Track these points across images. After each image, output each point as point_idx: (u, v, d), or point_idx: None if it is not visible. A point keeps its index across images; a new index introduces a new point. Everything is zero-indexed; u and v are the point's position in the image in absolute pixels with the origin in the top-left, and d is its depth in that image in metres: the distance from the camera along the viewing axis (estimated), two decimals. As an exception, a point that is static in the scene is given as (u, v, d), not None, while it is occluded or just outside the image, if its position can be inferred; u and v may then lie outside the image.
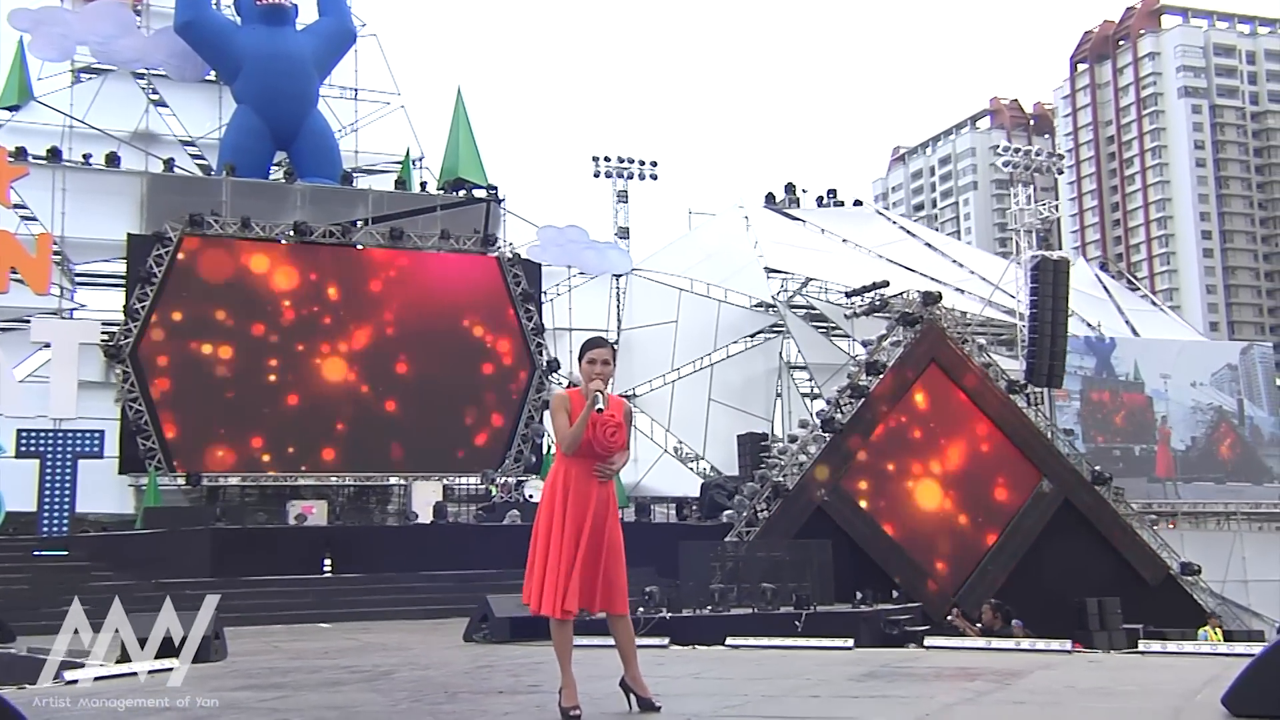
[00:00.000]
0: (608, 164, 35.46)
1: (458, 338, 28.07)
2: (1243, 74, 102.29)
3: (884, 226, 35.03)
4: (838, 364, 29.13)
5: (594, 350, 5.67)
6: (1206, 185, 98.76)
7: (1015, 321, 29.51)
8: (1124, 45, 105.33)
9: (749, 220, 33.23)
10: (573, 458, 5.56)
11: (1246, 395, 35.94)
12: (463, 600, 18.95)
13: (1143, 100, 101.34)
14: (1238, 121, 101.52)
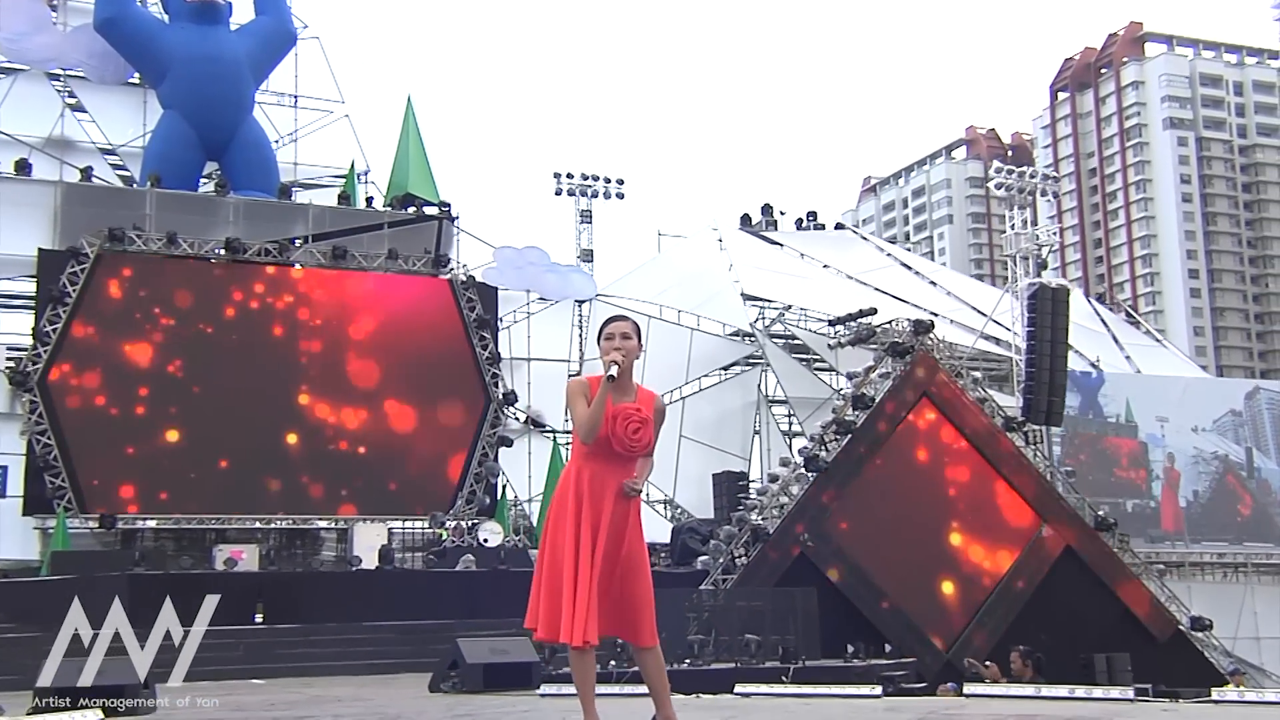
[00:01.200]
0: (570, 181, 35.25)
1: (405, 367, 27.51)
2: (1230, 105, 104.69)
3: (868, 251, 35.05)
4: (821, 398, 28.94)
5: (612, 324, 5.30)
6: (1193, 221, 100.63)
7: (1010, 355, 29.44)
8: (1106, 74, 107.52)
9: (723, 243, 33.13)
10: (587, 457, 5.16)
11: (1253, 443, 34.70)
12: (412, 654, 18.24)
13: (1126, 131, 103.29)
14: (1225, 155, 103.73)
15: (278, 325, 26.87)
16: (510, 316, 31.51)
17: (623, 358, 5.18)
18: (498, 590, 21.71)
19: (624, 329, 5.31)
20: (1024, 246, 29.28)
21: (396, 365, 27.41)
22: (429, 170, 30.43)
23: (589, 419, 5.08)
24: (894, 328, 26.10)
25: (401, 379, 27.44)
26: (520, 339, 31.44)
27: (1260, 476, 34.83)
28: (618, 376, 5.11)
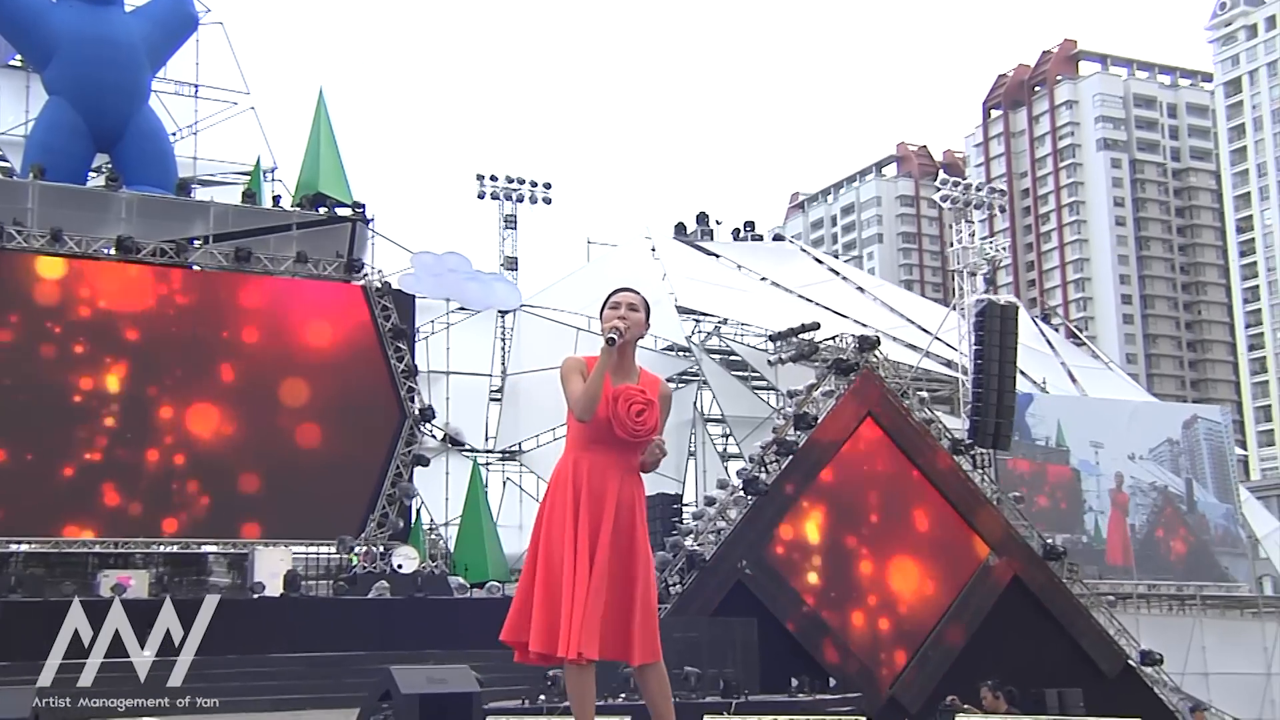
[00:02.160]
0: (494, 184, 34.88)
1: (313, 378, 26.77)
2: (1164, 128, 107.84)
3: (807, 264, 35.18)
4: (760, 417, 28.92)
5: (619, 294, 4.99)
6: (1127, 245, 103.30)
7: (956, 375, 29.65)
8: (1040, 92, 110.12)
9: (657, 253, 33.01)
10: (585, 446, 4.82)
11: (1191, 474, 34.05)
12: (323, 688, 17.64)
13: (1060, 151, 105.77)
14: (1159, 178, 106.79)
15: (173, 330, 25.95)
16: (428, 327, 30.96)
17: (626, 328, 4.87)
18: (416, 619, 21.21)
19: (631, 300, 5.00)
20: (971, 261, 29.54)
21: (303, 377, 26.65)
22: (341, 168, 29.82)
23: (586, 392, 4.74)
24: (838, 344, 26.12)
25: (308, 392, 26.67)
26: (439, 351, 30.93)
27: (1198, 511, 34.26)
28: (618, 344, 4.82)
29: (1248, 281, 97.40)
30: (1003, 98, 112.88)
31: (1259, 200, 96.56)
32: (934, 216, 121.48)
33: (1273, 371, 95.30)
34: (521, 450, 32.27)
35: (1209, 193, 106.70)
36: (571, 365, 4.89)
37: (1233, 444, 33.91)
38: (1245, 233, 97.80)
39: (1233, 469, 34.18)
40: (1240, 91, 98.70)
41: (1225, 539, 34.42)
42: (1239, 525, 34.34)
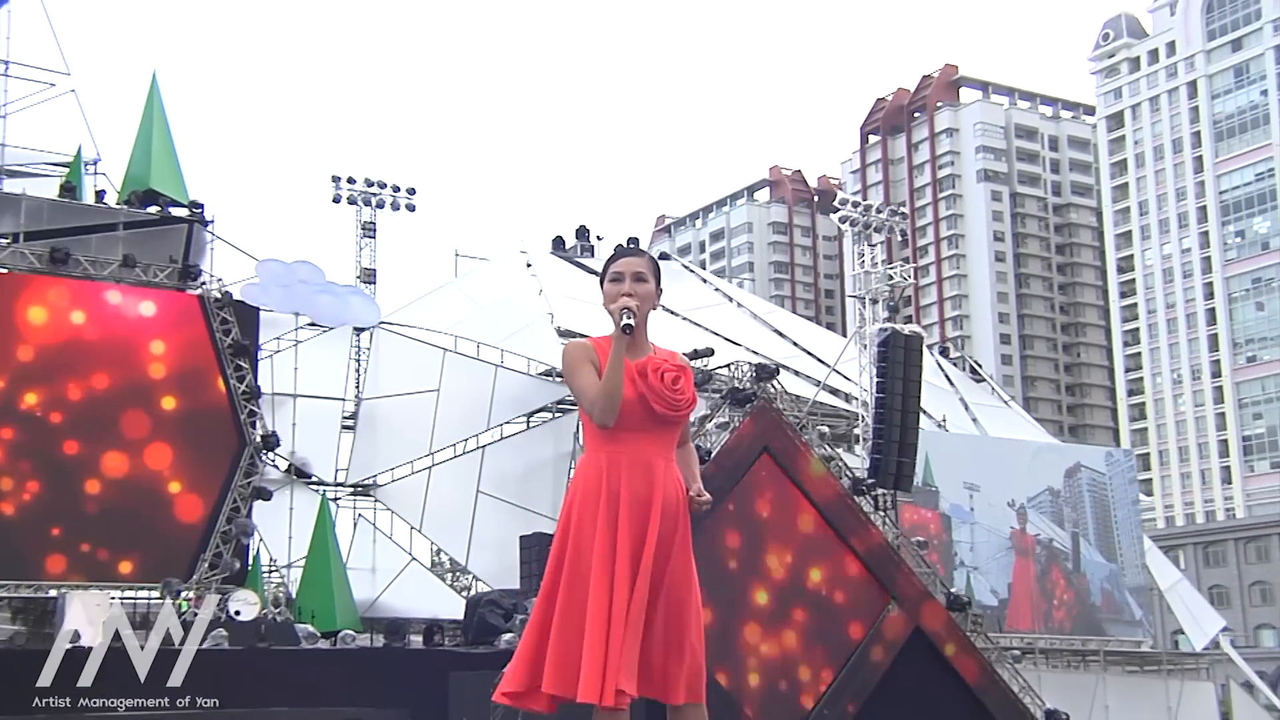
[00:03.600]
0: (351, 187, 34.11)
1: (139, 399, 25.59)
2: (1045, 161, 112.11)
3: (695, 286, 35.15)
4: None
5: (621, 261, 4.60)
6: (1006, 282, 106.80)
7: (854, 409, 29.81)
8: (920, 118, 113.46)
9: (533, 268, 32.60)
10: (615, 438, 4.36)
11: (1073, 526, 33.27)
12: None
13: (939, 181, 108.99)
14: (1040, 213, 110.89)
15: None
16: (274, 344, 30.06)
17: (637, 305, 4.49)
18: (258, 672, 20.39)
19: (636, 267, 4.60)
20: (873, 287, 29.77)
21: (126, 396, 25.43)
22: (176, 163, 28.88)
23: (606, 391, 4.29)
24: (733, 373, 25.92)
25: (132, 413, 25.46)
26: (285, 371, 29.99)
27: (1082, 571, 33.45)
28: (634, 329, 4.44)
29: (1128, 324, 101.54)
30: (881, 122, 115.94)
31: (1140, 239, 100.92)
32: (808, 245, 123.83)
33: (1151, 418, 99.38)
34: (376, 484, 31.45)
35: (1090, 230, 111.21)
36: (578, 354, 4.48)
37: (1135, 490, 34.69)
38: (1126, 273, 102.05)
39: (1121, 521, 34.45)
40: (1123, 126, 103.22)
41: (1110, 604, 33.53)
42: (1124, 588, 33.86)
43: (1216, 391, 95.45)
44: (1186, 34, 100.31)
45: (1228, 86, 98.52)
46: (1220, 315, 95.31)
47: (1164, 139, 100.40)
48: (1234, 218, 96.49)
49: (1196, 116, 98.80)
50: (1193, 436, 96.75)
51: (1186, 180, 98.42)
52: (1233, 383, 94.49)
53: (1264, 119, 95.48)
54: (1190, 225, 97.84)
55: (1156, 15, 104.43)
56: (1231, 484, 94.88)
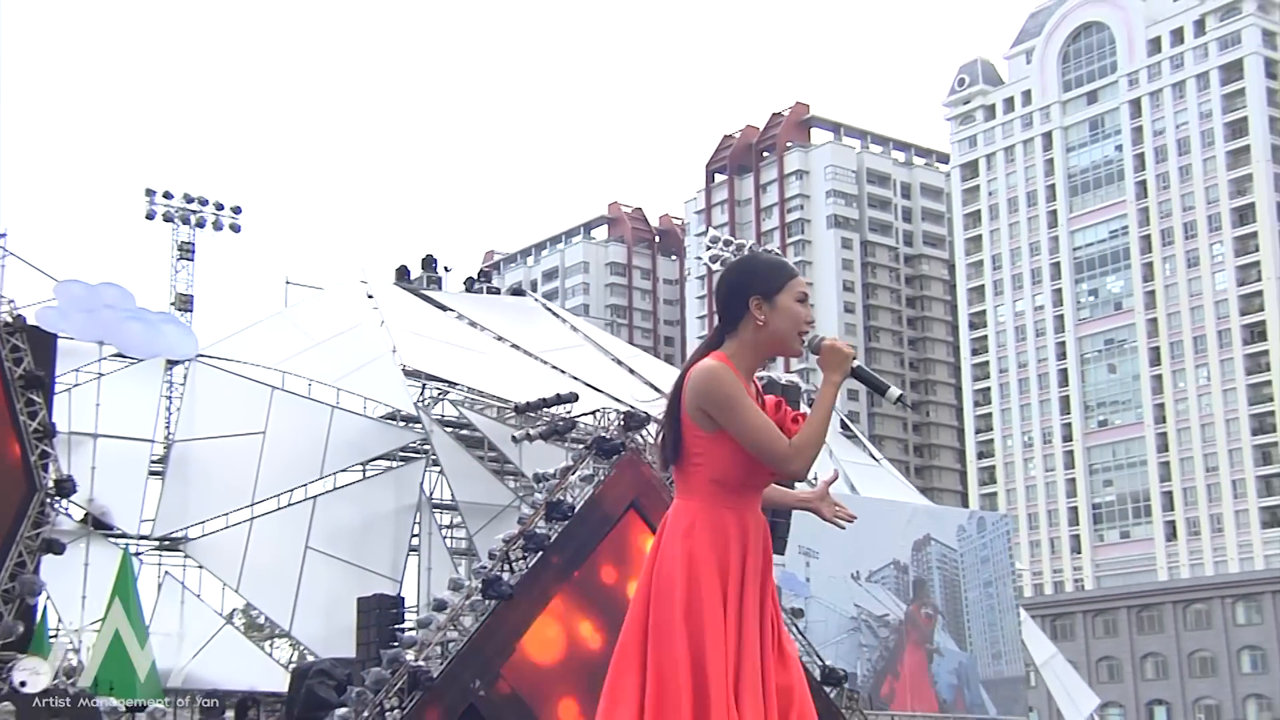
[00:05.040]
0: (167, 203, 33.19)
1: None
2: (897, 208, 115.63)
3: (553, 326, 34.90)
4: (499, 504, 28.22)
5: (800, 279, 4.42)
6: (855, 335, 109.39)
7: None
8: (769, 158, 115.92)
9: (375, 299, 31.93)
10: (743, 499, 4.25)
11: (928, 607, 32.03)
12: None
13: (788, 225, 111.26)
14: (890, 263, 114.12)
15: None
16: (73, 376, 28.82)
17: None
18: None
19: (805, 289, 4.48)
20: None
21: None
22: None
23: (819, 438, 4.12)
24: (600, 420, 25.77)
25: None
26: (85, 407, 28.75)
27: (938, 655, 32.13)
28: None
29: (979, 383, 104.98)
30: (728, 161, 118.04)
31: (993, 295, 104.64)
32: (648, 289, 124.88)
33: (1001, 482, 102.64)
34: (187, 538, 30.27)
35: (942, 283, 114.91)
36: (734, 381, 4.20)
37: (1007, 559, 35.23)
38: (978, 329, 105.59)
39: (999, 594, 34.39)
40: (977, 176, 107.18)
41: (960, 702, 32.17)
42: (977, 682, 32.64)
43: (1067, 456, 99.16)
44: (1043, 83, 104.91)
45: (1083, 140, 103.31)
46: (1072, 376, 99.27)
47: (1018, 191, 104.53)
48: (1087, 276, 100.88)
49: (1051, 169, 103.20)
50: (1043, 503, 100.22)
51: (1040, 235, 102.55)
52: (1084, 447, 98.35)
53: (1118, 175, 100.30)
54: (1044, 282, 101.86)
55: (1013, 63, 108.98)
56: (1081, 553, 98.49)
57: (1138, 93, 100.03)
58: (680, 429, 4.23)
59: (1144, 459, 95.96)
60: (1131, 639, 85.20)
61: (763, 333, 4.28)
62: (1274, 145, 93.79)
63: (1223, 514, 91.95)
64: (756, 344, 4.30)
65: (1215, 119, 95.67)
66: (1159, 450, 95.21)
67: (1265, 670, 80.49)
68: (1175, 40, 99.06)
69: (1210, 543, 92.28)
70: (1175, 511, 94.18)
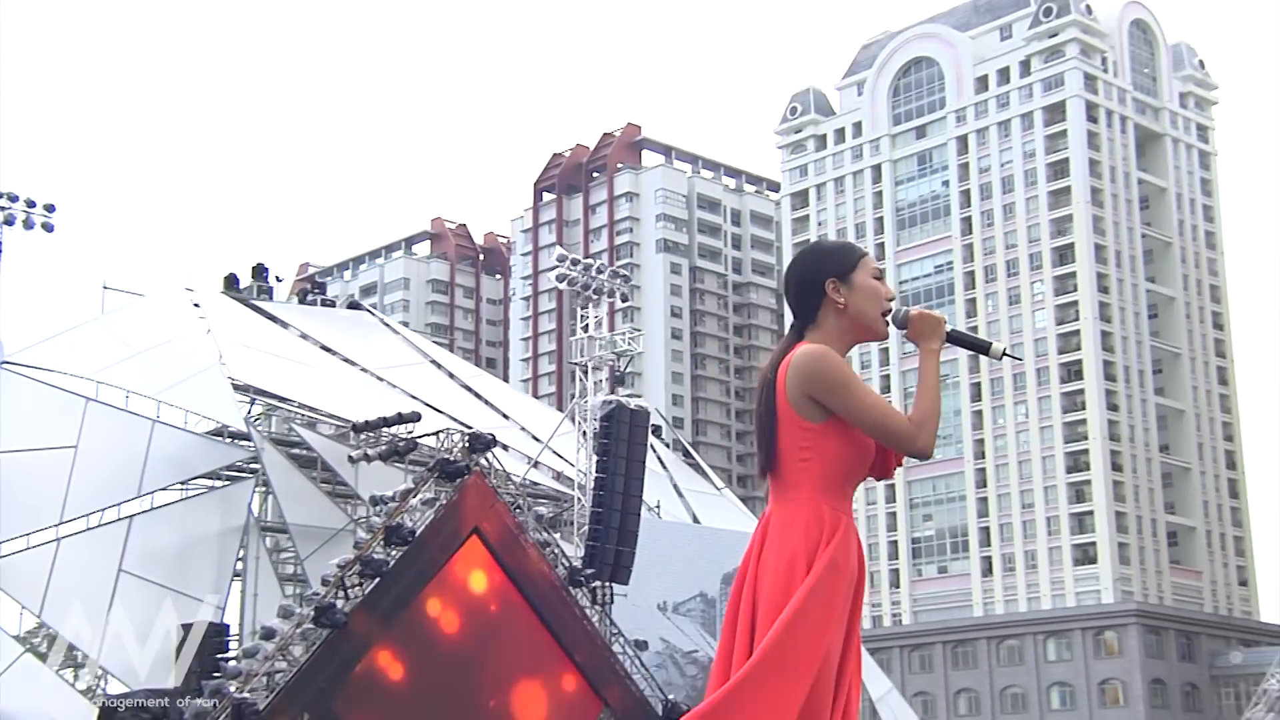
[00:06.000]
0: (-31, 194, 31.14)
1: None
2: (727, 235, 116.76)
3: (391, 342, 34.12)
4: (333, 528, 27.40)
5: (868, 256, 4.34)
6: (682, 361, 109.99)
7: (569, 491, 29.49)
8: (599, 178, 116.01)
9: (202, 308, 30.69)
10: (844, 498, 4.17)
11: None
12: None
13: (617, 249, 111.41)
14: (719, 290, 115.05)
15: None
16: None
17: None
18: None
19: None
20: (597, 355, 29.65)
21: None
22: None
23: (937, 410, 4.00)
24: (443, 442, 25.32)
25: None
26: None
27: None
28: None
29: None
30: (557, 180, 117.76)
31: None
32: (470, 308, 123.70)
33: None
34: (-12, 559, 28.50)
35: (770, 311, 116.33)
36: (837, 359, 4.07)
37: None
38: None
39: None
40: (807, 205, 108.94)
41: None
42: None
43: (889, 490, 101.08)
44: (873, 116, 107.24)
45: (911, 174, 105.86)
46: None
47: (847, 222, 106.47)
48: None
49: (880, 202, 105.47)
50: (864, 535, 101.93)
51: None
52: (905, 482, 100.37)
53: (945, 210, 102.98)
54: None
55: (844, 94, 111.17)
56: (900, 588, 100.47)
57: (965, 129, 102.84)
58: (777, 427, 4.06)
59: (963, 494, 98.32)
60: (946, 674, 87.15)
61: (845, 316, 4.13)
62: (1093, 187, 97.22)
63: (1037, 550, 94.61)
64: (841, 330, 4.13)
65: (1038, 159, 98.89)
66: (978, 486, 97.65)
67: (1073, 707, 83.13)
68: (1002, 80, 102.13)
69: (1024, 579, 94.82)
70: (992, 547, 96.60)
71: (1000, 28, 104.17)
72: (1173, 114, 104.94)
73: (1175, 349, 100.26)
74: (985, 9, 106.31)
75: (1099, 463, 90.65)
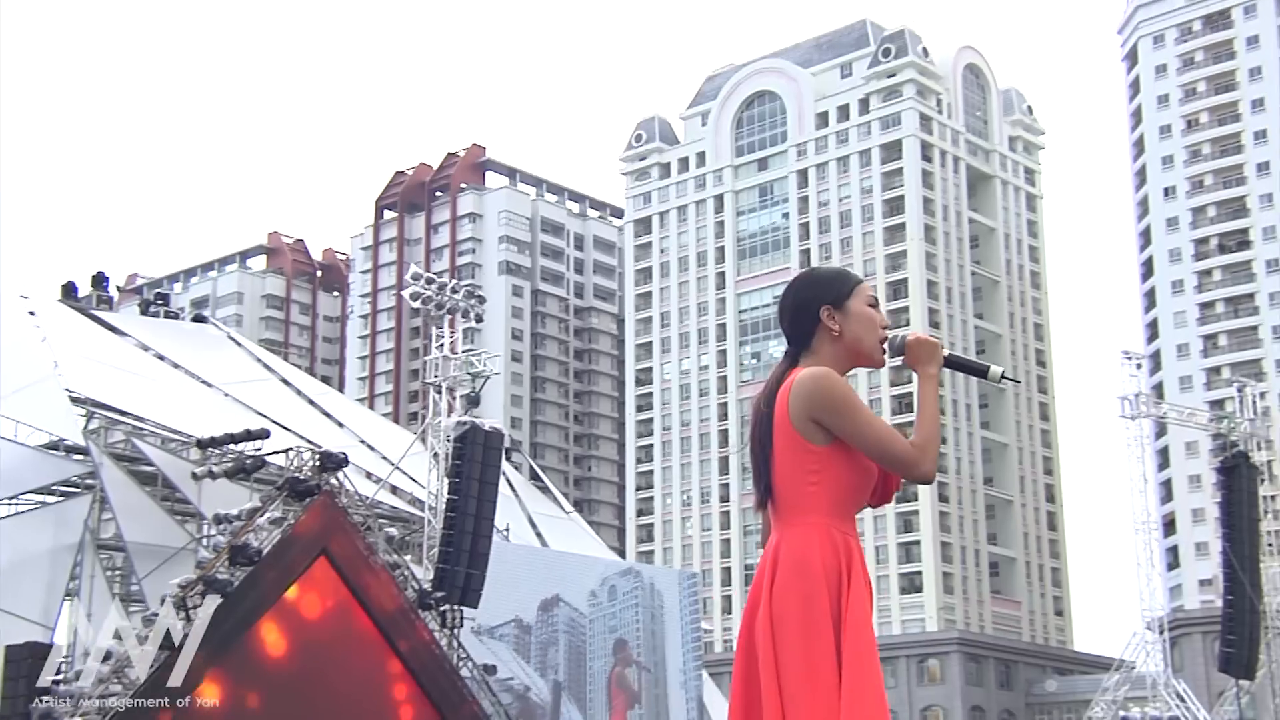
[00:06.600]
0: None
1: None
2: (570, 259, 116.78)
3: (237, 357, 33.14)
4: (173, 546, 26.47)
5: (864, 283, 4.35)
6: (521, 385, 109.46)
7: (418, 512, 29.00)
8: (442, 198, 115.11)
9: (37, 318, 29.43)
10: (850, 522, 4.07)
11: (540, 671, 30.22)
12: None
13: (458, 269, 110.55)
14: (561, 314, 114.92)
15: None
16: None
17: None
18: None
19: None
20: (453, 375, 29.23)
21: None
22: None
23: (937, 435, 3.97)
24: (293, 460, 24.67)
25: None
26: None
27: None
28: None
29: (642, 439, 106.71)
30: (400, 198, 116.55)
31: (660, 352, 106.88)
32: (306, 324, 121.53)
33: (659, 541, 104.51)
34: None
35: (610, 337, 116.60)
36: (841, 382, 4.03)
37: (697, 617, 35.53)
38: (644, 385, 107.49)
39: (687, 653, 34.23)
40: (650, 233, 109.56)
41: None
42: None
43: (724, 516, 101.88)
44: (716, 147, 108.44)
45: (752, 205, 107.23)
46: (733, 438, 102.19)
47: (689, 250, 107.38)
48: (751, 339, 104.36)
49: (722, 231, 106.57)
50: (698, 562, 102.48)
51: (708, 295, 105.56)
52: (740, 509, 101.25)
53: (784, 242, 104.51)
54: (709, 342, 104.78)
55: (689, 123, 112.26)
56: (731, 614, 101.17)
57: (805, 163, 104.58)
58: (774, 454, 4.00)
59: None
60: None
61: (840, 343, 4.12)
62: (926, 225, 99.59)
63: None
64: (836, 357, 4.10)
65: (875, 195, 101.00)
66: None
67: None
68: (841, 116, 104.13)
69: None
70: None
71: (841, 65, 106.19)
72: (1002, 156, 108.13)
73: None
74: (827, 47, 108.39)
75: (926, 494, 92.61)
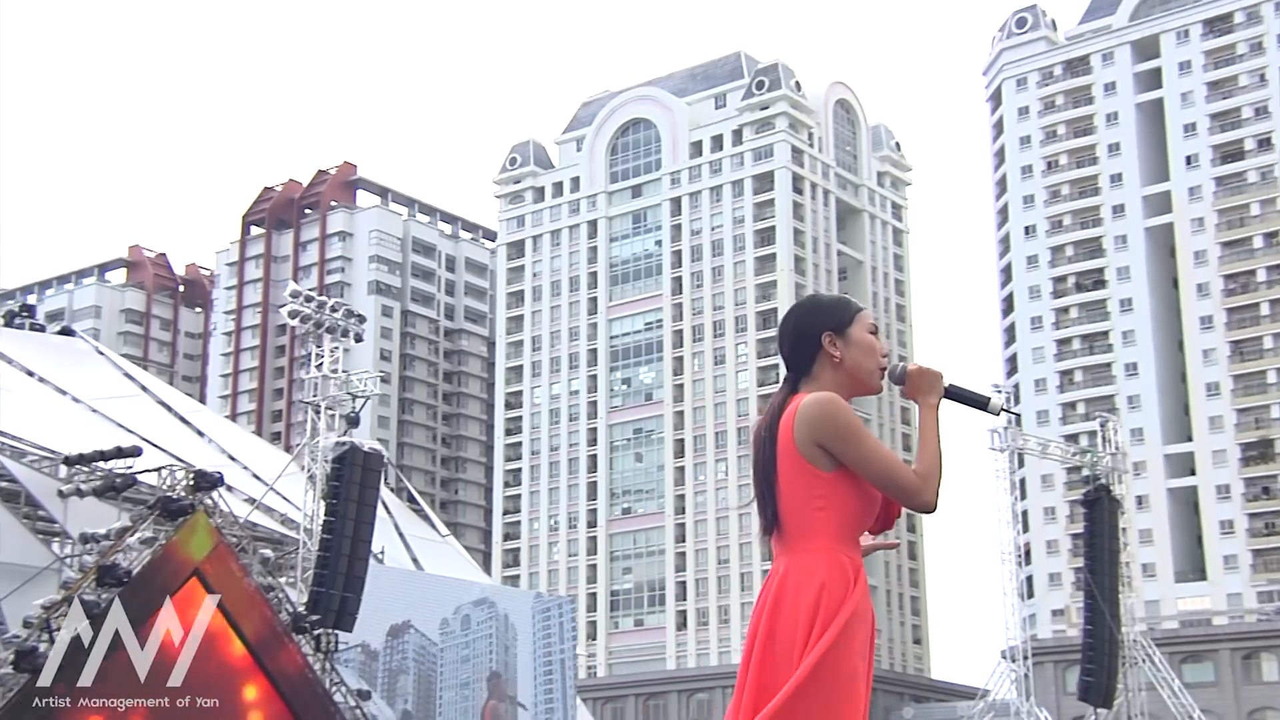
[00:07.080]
0: None
1: None
2: (441, 281, 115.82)
3: (104, 371, 32.07)
4: (38, 566, 25.46)
5: (865, 310, 4.31)
6: (389, 406, 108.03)
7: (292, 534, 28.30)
8: (311, 215, 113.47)
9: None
10: (855, 548, 4.01)
11: (388, 698, 29.72)
12: None
13: (327, 287, 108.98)
14: (430, 336, 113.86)
15: None
16: None
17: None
18: None
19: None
20: (332, 394, 28.64)
21: None
22: None
23: (941, 463, 3.88)
24: (166, 479, 23.97)
25: None
26: None
27: None
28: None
29: (510, 463, 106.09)
30: (267, 214, 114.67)
31: (530, 376, 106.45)
32: (167, 340, 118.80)
33: (525, 565, 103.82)
34: None
35: (480, 360, 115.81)
36: (847, 407, 3.95)
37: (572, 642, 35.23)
38: (513, 409, 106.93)
39: (561, 677, 34.06)
40: (523, 256, 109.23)
41: None
42: None
43: (591, 542, 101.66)
44: (591, 172, 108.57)
45: (625, 232, 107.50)
46: (601, 463, 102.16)
47: (562, 275, 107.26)
48: (621, 365, 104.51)
49: (595, 257, 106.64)
50: (564, 587, 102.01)
51: (580, 320, 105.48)
52: (607, 534, 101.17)
53: (657, 269, 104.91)
54: (580, 367, 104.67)
55: (564, 149, 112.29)
56: (596, 640, 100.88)
57: (679, 192, 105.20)
58: (778, 481, 3.92)
59: (663, 548, 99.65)
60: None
61: (841, 370, 4.05)
62: (796, 256, 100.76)
63: (730, 605, 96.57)
64: (836, 383, 4.02)
65: (747, 225, 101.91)
66: (677, 540, 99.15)
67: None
68: (715, 146, 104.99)
69: (717, 633, 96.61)
70: (688, 601, 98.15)
71: (715, 96, 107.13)
72: (870, 191, 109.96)
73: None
74: (702, 77, 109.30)
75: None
